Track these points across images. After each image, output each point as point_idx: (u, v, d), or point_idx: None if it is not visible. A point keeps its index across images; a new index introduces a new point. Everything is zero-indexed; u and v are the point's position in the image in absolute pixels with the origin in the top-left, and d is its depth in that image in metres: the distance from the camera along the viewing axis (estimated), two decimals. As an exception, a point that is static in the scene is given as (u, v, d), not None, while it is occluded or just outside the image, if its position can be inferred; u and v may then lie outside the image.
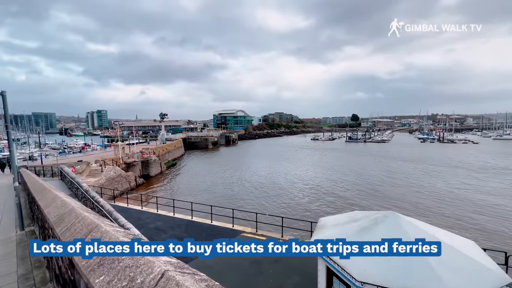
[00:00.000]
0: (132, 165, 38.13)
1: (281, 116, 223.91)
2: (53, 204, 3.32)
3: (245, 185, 30.89)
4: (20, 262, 4.07)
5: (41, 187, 5.19)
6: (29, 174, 12.72)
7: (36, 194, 4.80)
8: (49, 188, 4.46)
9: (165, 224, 14.31)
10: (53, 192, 4.09)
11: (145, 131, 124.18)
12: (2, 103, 5.02)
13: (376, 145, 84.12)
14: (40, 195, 4.36)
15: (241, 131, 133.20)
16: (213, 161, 55.52)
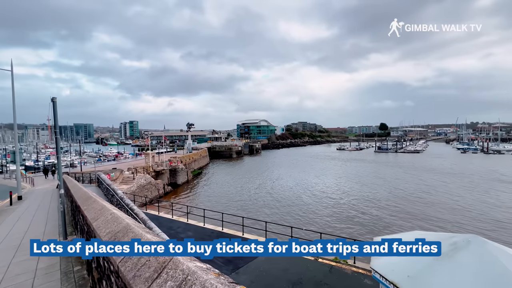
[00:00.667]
0: (161, 173, 39.21)
1: (304, 126, 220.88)
2: (102, 218, 2.96)
3: (272, 197, 30.00)
4: (64, 278, 3.80)
5: (85, 195, 4.99)
6: (71, 181, 13.18)
7: (81, 202, 4.56)
8: (94, 197, 4.19)
9: (196, 235, 13.98)
10: (99, 202, 3.78)
11: (172, 141, 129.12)
12: (52, 109, 4.91)
13: (409, 155, 78.62)
14: (86, 205, 4.07)
15: (264, 140, 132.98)
16: (238, 170, 55.42)
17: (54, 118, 5.14)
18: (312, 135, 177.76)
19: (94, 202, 4.01)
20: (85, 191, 5.94)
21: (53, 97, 5.23)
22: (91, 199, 4.44)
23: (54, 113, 5.18)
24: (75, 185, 8.19)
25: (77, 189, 7.04)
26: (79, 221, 4.90)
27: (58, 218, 8.59)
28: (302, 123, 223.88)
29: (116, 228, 2.41)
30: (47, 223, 8.06)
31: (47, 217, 8.97)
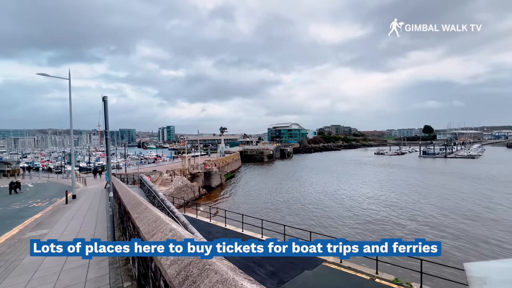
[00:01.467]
0: (196, 176, 40.10)
1: (337, 129, 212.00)
2: (160, 235, 2.37)
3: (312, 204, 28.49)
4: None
5: (134, 200, 4.60)
6: (118, 182, 13.60)
7: (130, 208, 4.13)
8: (144, 204, 3.72)
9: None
10: (152, 211, 3.27)
11: (206, 144, 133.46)
12: (103, 108, 4.63)
13: (461, 161, 69.87)
14: (136, 212, 3.60)
15: (295, 144, 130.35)
16: (270, 174, 54.54)
17: (104, 116, 4.91)
18: (346, 139, 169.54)
19: (146, 210, 3.52)
20: (133, 194, 5.65)
21: (104, 96, 5.03)
22: (141, 205, 3.99)
23: (105, 112, 4.95)
24: (122, 187, 8.14)
25: (125, 192, 6.87)
26: (128, 228, 4.51)
27: (106, 220, 8.67)
28: (335, 126, 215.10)
29: (187, 259, 1.78)
30: (97, 225, 8.12)
31: (97, 219, 9.13)
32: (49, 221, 9.80)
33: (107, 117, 5.08)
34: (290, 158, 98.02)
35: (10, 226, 9.66)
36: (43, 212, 12.62)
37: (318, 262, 10.78)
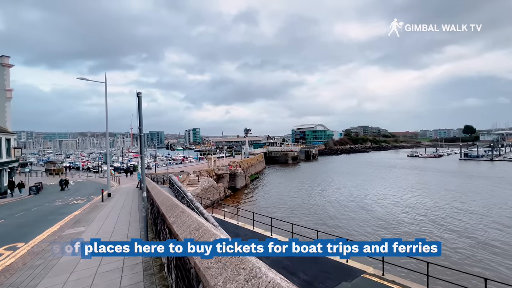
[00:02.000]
0: (222, 177, 40.37)
1: (365, 130, 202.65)
2: (193, 235, 1.90)
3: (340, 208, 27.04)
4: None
5: (169, 202, 4.27)
6: (150, 182, 13.79)
7: (165, 210, 3.78)
8: (181, 207, 3.33)
9: (264, 246, 12.92)
10: (192, 216, 2.85)
11: (230, 146, 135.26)
12: (137, 103, 4.36)
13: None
14: (173, 215, 3.22)
15: (321, 146, 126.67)
16: (295, 176, 53.23)
17: (138, 112, 4.68)
18: (375, 140, 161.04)
19: (183, 214, 3.13)
20: (166, 195, 5.38)
21: (138, 92, 4.78)
22: (177, 208, 3.62)
23: (139, 107, 4.72)
24: (155, 187, 8.02)
25: (157, 192, 6.68)
26: (162, 232, 4.19)
27: (139, 219, 8.65)
28: (362, 127, 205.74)
29: (232, 273, 1.30)
30: (130, 224, 8.09)
31: (130, 218, 9.17)
32: (86, 218, 10.10)
33: (141, 113, 4.86)
34: (316, 160, 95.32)
35: (52, 222, 10.11)
36: (82, 209, 13.20)
37: (357, 274, 9.84)
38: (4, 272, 4.87)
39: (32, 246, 6.79)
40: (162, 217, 4.21)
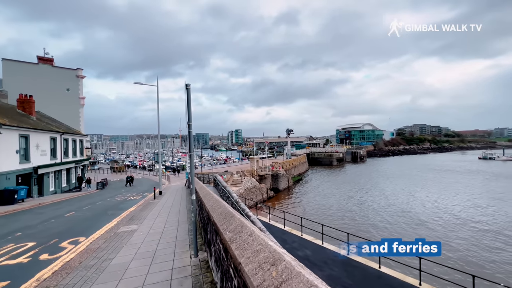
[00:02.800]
0: (264, 178, 39.88)
1: (422, 129, 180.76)
2: (268, 274, 1.04)
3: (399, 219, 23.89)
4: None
5: (221, 209, 3.59)
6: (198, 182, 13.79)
7: (218, 220, 3.08)
8: (238, 218, 2.58)
9: (315, 256, 11.67)
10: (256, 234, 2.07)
11: (271, 147, 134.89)
12: (186, 95, 3.80)
13: None
14: (230, 230, 2.50)
15: (369, 146, 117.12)
16: (342, 179, 49.64)
17: (187, 104, 4.14)
18: (435, 140, 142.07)
19: (244, 230, 2.36)
20: (216, 198, 4.76)
21: (187, 84, 4.24)
22: (233, 218, 2.87)
23: (188, 99, 4.18)
24: (203, 188, 7.61)
25: (206, 194, 6.18)
26: (214, 244, 3.51)
27: (187, 221, 8.42)
28: (418, 125, 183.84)
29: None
30: (179, 225, 7.86)
31: (178, 218, 9.02)
32: (139, 216, 10.39)
33: (189, 106, 4.33)
34: (363, 162, 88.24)
35: (111, 218, 10.67)
36: (136, 206, 13.90)
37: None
38: (62, 270, 4.86)
39: (91, 241, 6.99)
40: (213, 226, 3.54)
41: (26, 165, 20.23)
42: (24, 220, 11.22)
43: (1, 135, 17.41)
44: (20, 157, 19.61)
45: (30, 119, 24.37)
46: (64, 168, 26.73)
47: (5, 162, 17.74)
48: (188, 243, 5.89)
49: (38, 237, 7.90)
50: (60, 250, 6.34)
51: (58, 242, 7.11)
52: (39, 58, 35.32)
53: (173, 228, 7.62)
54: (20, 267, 5.34)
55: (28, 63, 34.59)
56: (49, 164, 23.49)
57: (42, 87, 33.47)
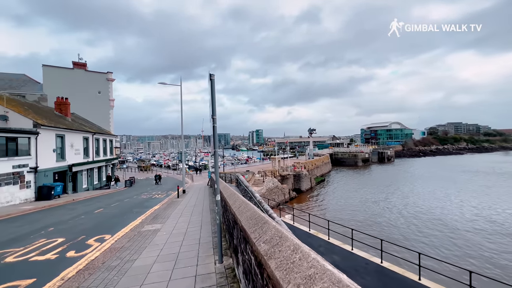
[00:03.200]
0: (286, 178, 39.08)
1: (457, 128, 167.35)
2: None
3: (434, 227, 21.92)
4: None
5: (250, 212, 3.14)
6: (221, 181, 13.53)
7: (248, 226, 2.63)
8: (273, 225, 2.08)
9: (345, 262, 10.83)
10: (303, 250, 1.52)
11: (292, 147, 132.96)
12: (210, 86, 3.41)
13: None
14: (265, 241, 2.05)
15: (397, 146, 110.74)
16: (368, 180, 47.14)
17: (211, 96, 3.75)
18: (473, 140, 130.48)
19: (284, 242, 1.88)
20: (243, 199, 4.32)
21: (211, 74, 3.84)
22: (267, 225, 2.40)
23: (212, 91, 3.80)
24: (226, 187, 7.23)
25: (231, 194, 5.77)
26: (243, 253, 3.06)
27: (210, 221, 8.12)
28: (453, 124, 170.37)
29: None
30: (202, 226, 7.57)
31: (201, 218, 8.77)
32: (163, 214, 10.34)
33: (214, 97, 3.94)
34: (391, 162, 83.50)
35: (136, 215, 10.77)
36: (161, 204, 14.02)
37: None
38: (85, 270, 4.74)
39: (116, 239, 6.94)
40: (242, 233, 3.09)
41: (62, 163, 21.54)
42: (58, 216, 11.75)
43: (40, 135, 18.65)
44: (56, 156, 20.91)
45: (66, 120, 26.02)
46: (96, 167, 28.20)
47: (43, 160, 18.98)
48: (212, 246, 5.53)
49: (68, 233, 8.09)
50: (86, 248, 6.34)
51: (85, 239, 7.17)
52: (74, 63, 37.81)
53: (196, 228, 7.34)
54: (47, 264, 5.34)
55: (65, 68, 37.17)
56: (82, 162, 24.87)
57: (77, 90, 35.76)
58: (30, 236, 7.88)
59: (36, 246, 6.67)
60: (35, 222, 10.30)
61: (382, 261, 10.86)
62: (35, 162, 18.13)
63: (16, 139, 16.82)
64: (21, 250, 6.35)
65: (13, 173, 16.37)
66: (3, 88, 29.88)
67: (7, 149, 16.09)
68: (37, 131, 18.41)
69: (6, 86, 31.74)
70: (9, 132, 16.44)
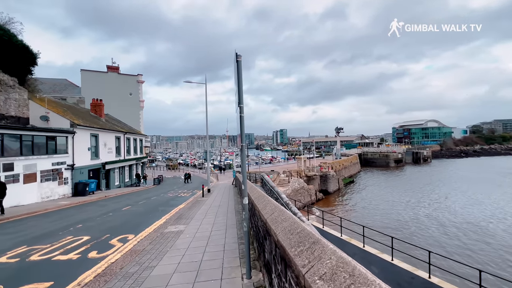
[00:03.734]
0: (312, 179, 37.56)
1: (506, 126, 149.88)
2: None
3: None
4: None
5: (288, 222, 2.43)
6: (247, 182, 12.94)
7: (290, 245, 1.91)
8: (331, 247, 1.22)
9: (384, 274, 9.57)
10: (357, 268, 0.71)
11: (318, 147, 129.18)
12: (236, 68, 2.74)
13: None
14: (318, 274, 1.20)
15: (434, 146, 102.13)
16: (403, 183, 43.56)
17: (238, 79, 3.16)
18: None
19: (359, 279, 1.03)
20: (275, 204, 3.59)
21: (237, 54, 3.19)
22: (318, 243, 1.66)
23: (238, 74, 3.21)
24: (253, 188, 6.53)
25: (259, 196, 5.06)
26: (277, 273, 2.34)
27: (236, 224, 7.51)
28: (501, 121, 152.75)
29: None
30: (227, 229, 7.00)
31: (226, 221, 8.21)
32: (187, 214, 10.00)
33: (240, 81, 3.32)
34: (428, 163, 77.07)
35: (161, 214, 10.58)
36: (186, 203, 13.84)
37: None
38: (102, 276, 4.37)
39: (138, 240, 6.63)
40: (279, 250, 2.36)
41: (96, 161, 22.65)
42: (89, 212, 12.05)
43: (76, 134, 19.71)
44: (91, 154, 22.02)
45: (100, 120, 27.47)
46: (127, 165, 29.43)
47: (79, 158, 20.04)
48: (238, 255, 4.87)
49: (94, 230, 8.04)
50: (109, 248, 6.08)
51: (109, 238, 6.97)
52: (108, 67, 40.13)
53: (221, 232, 6.77)
54: (68, 265, 5.11)
55: (100, 72, 39.60)
56: (115, 160, 26.02)
57: (110, 92, 37.86)
58: (59, 232, 7.95)
59: (62, 244, 6.59)
60: (67, 218, 10.58)
61: (430, 275, 9.43)
62: (71, 159, 19.18)
63: (55, 138, 17.89)
64: (48, 247, 6.29)
65: (52, 170, 17.42)
66: (47, 92, 32.51)
67: (47, 147, 17.15)
68: (74, 130, 19.47)
69: (50, 90, 34.54)
70: (48, 131, 17.52)
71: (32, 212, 12.29)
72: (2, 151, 14.05)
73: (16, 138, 15.05)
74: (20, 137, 15.23)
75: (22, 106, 18.32)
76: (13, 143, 14.84)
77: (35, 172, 15.99)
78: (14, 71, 17.73)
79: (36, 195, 15.94)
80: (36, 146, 16.28)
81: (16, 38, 17.71)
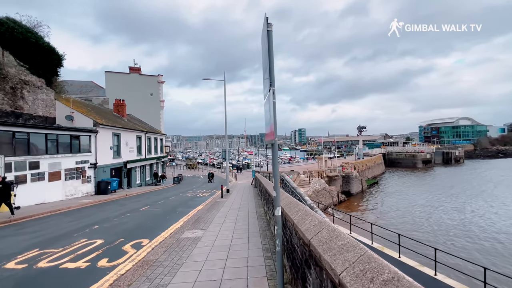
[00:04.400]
0: (334, 179, 35.92)
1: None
2: None
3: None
4: None
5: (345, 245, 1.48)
6: (268, 183, 12.14)
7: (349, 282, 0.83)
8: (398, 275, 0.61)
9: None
10: None
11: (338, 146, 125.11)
12: (267, 39, 1.77)
13: None
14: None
15: (467, 146, 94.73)
16: (434, 185, 40.27)
17: (269, 53, 2.42)
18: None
19: None
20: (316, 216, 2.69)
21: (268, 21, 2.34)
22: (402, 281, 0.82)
23: (269, 45, 2.52)
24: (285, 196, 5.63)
25: (289, 203, 4.19)
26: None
27: (259, 232, 6.69)
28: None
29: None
30: (249, 239, 6.22)
31: (248, 227, 7.43)
32: (205, 217, 9.37)
33: (271, 56, 2.51)
34: (460, 164, 71.50)
35: (179, 216, 10.07)
36: (204, 204, 13.30)
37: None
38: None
39: (152, 247, 6.06)
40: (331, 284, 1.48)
41: (118, 160, 22.99)
42: (108, 211, 11.88)
43: (99, 133, 20.04)
44: (113, 153, 22.37)
45: (122, 120, 28.02)
46: (148, 164, 29.83)
47: (102, 156, 20.36)
48: (266, 274, 4.04)
49: (109, 233, 7.63)
50: (121, 256, 5.55)
51: (123, 243, 6.48)
52: (130, 68, 41.23)
53: (243, 241, 5.99)
54: (74, 275, 4.61)
55: (123, 73, 40.78)
56: (136, 159, 26.39)
57: (132, 93, 38.82)
58: (74, 234, 7.64)
59: (74, 248, 6.19)
60: (86, 217, 10.42)
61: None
62: (94, 158, 19.51)
63: (78, 137, 18.24)
64: (59, 252, 5.90)
65: (76, 168, 17.77)
66: (75, 93, 33.95)
67: (71, 146, 17.51)
68: (97, 129, 19.80)
69: (77, 92, 36.09)
70: (72, 130, 17.89)
71: (55, 210, 12.38)
72: (29, 149, 14.41)
73: (42, 137, 15.42)
74: (45, 136, 15.60)
75: (49, 106, 18.90)
76: (39, 142, 15.21)
77: (60, 171, 16.33)
78: (42, 73, 18.31)
79: (61, 193, 16.27)
80: (60, 145, 16.64)
81: (42, 40, 18.28)
